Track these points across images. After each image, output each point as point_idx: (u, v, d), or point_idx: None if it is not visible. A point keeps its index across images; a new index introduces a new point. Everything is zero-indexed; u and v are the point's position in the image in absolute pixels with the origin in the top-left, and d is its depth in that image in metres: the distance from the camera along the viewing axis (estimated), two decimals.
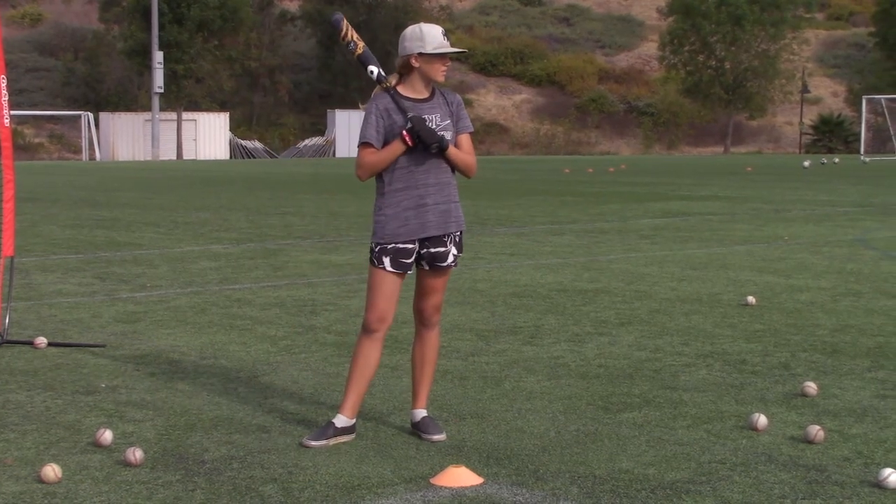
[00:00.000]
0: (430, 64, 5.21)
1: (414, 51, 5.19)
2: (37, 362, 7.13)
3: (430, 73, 5.23)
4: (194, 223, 17.64)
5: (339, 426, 5.27)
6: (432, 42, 5.18)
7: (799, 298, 9.57)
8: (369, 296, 5.31)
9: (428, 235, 5.26)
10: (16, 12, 79.33)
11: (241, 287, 10.50)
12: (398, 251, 5.24)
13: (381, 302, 5.26)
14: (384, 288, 5.26)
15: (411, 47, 5.20)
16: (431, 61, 5.21)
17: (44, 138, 67.60)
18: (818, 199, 22.79)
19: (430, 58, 5.20)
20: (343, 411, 5.29)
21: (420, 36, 5.19)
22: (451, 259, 5.35)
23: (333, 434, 5.24)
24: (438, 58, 5.21)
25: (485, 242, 14.39)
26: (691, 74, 75.57)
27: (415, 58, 5.20)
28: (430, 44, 5.18)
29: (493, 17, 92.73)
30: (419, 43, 5.18)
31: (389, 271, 5.25)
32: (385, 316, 5.28)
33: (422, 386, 5.48)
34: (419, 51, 5.19)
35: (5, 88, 7.68)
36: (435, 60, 5.21)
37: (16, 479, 4.79)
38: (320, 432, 5.25)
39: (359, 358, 5.32)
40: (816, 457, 5.03)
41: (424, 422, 5.39)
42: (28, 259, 12.60)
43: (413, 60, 5.21)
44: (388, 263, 5.24)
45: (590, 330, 8.14)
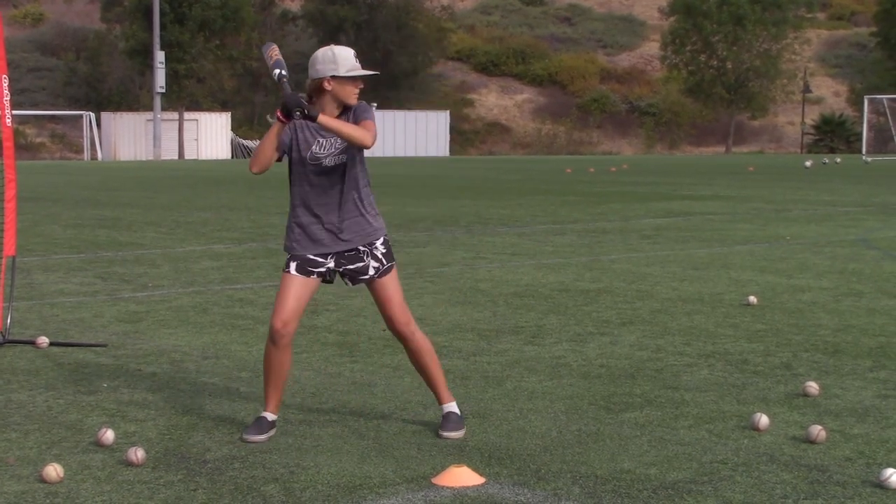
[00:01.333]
0: (343, 87, 5.20)
1: (326, 74, 5.18)
2: (39, 362, 7.13)
3: (343, 96, 5.22)
4: (196, 223, 17.64)
5: (270, 420, 5.40)
6: (345, 65, 5.18)
7: (801, 298, 9.57)
8: (276, 300, 5.35)
9: (321, 253, 5.30)
10: (17, 12, 79.40)
11: (243, 287, 10.51)
12: (304, 260, 5.32)
13: (286, 305, 5.28)
14: (290, 292, 5.29)
15: (324, 70, 5.18)
16: (344, 84, 5.20)
17: (45, 138, 67.66)
18: (820, 199, 22.79)
19: (342, 80, 5.19)
20: (270, 409, 5.43)
21: (333, 59, 5.18)
22: (374, 271, 5.34)
23: (268, 428, 5.37)
24: (351, 80, 5.20)
25: (486, 242, 14.40)
26: (693, 74, 75.60)
27: (327, 81, 5.18)
28: (343, 66, 5.17)
29: (494, 17, 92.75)
30: (332, 66, 5.17)
31: (295, 275, 5.30)
32: (290, 320, 5.29)
33: (434, 385, 5.53)
34: (332, 73, 5.17)
35: (7, 88, 7.68)
36: (347, 83, 5.20)
37: (17, 478, 4.79)
38: (258, 428, 5.34)
39: (271, 368, 5.39)
40: (818, 457, 5.03)
41: (443, 417, 5.44)
42: (30, 259, 12.61)
43: (326, 84, 5.19)
44: (293, 268, 5.31)
45: (591, 330, 8.14)
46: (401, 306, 5.39)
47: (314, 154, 5.25)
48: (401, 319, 5.39)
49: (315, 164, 5.26)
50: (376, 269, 5.35)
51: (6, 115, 7.67)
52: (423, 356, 5.47)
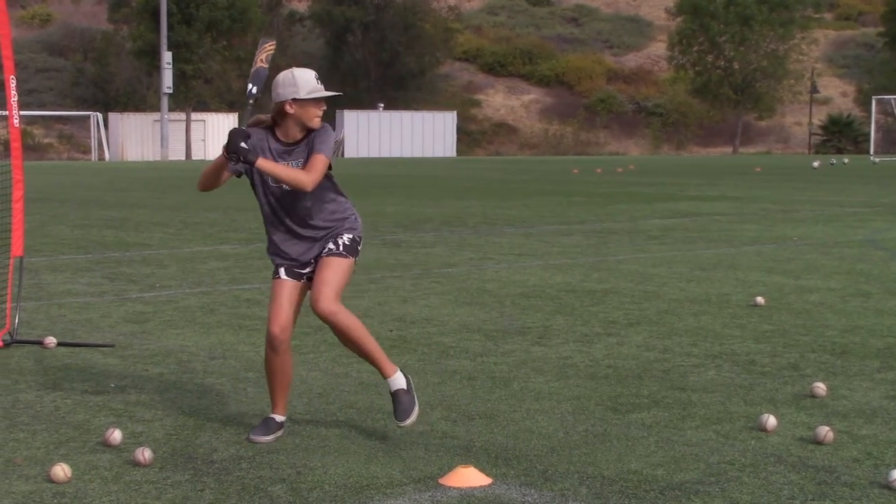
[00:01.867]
0: (305, 109, 5.20)
1: (288, 97, 5.18)
2: (46, 362, 7.15)
3: (305, 119, 5.22)
4: (203, 223, 17.66)
5: (278, 421, 5.41)
6: (305, 87, 5.18)
7: (808, 299, 9.56)
8: (270, 306, 5.37)
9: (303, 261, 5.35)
10: (25, 13, 79.54)
11: (250, 287, 10.51)
12: (292, 262, 5.36)
13: (281, 311, 5.32)
14: (283, 296, 5.33)
15: (285, 93, 5.19)
16: (306, 106, 5.20)
17: (53, 138, 67.76)
18: (827, 200, 22.75)
19: (304, 103, 5.19)
20: (278, 411, 5.43)
21: (293, 82, 5.18)
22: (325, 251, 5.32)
23: (276, 429, 5.36)
24: (313, 102, 5.20)
25: (493, 243, 14.39)
26: (700, 75, 75.50)
27: (289, 104, 5.19)
28: (304, 88, 5.17)
29: (501, 18, 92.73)
30: (293, 89, 5.17)
31: (285, 279, 5.35)
32: (287, 325, 5.33)
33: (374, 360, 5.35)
34: (293, 96, 5.17)
35: (15, 89, 7.69)
36: (309, 105, 5.20)
37: (25, 478, 4.80)
38: (265, 429, 5.34)
39: (274, 373, 5.39)
40: (826, 458, 5.02)
41: (392, 398, 5.35)
42: (37, 259, 12.63)
43: (287, 106, 5.20)
44: (283, 273, 5.36)
45: (598, 330, 8.13)
46: (332, 290, 5.25)
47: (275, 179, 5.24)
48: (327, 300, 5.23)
49: (276, 185, 5.27)
50: (329, 250, 5.32)
51: (14, 116, 7.68)
52: (350, 332, 5.30)
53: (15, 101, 7.69)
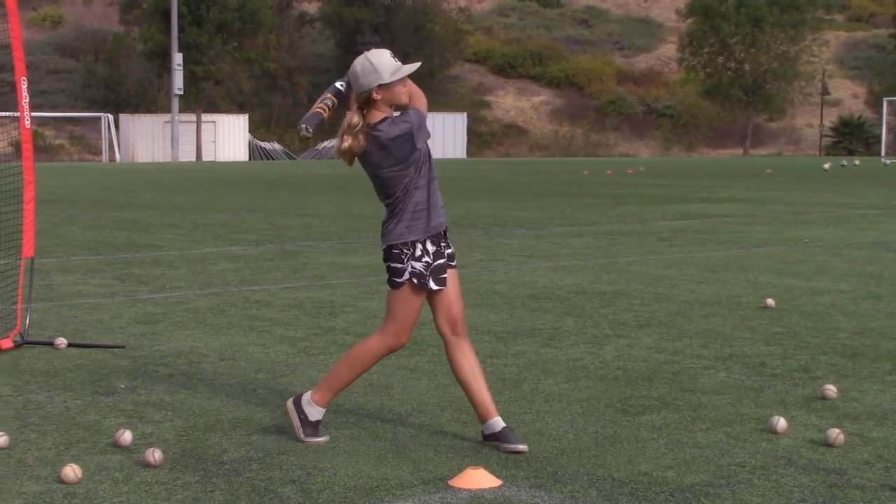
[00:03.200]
0: (391, 91, 5.15)
1: (373, 85, 5.11)
2: (57, 363, 7.16)
3: (394, 99, 5.17)
4: (214, 225, 17.68)
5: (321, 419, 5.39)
6: (387, 70, 5.12)
7: (819, 301, 9.53)
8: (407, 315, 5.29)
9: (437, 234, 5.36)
10: (37, 14, 79.77)
11: (260, 288, 10.52)
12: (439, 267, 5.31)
13: (414, 321, 5.33)
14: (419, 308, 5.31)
15: (369, 82, 5.12)
16: (392, 88, 5.15)
17: (64, 140, 67.96)
18: (838, 202, 22.70)
19: (389, 86, 5.14)
20: (325, 403, 5.37)
21: (374, 68, 5.11)
22: None
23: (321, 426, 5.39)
24: (398, 82, 5.16)
25: (503, 244, 14.39)
26: (710, 76, 75.39)
27: (375, 91, 5.13)
28: (386, 72, 5.12)
29: (511, 19, 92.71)
30: (375, 76, 5.11)
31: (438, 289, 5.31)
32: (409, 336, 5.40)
33: (486, 394, 5.30)
34: (378, 83, 5.12)
35: (26, 90, 7.71)
36: (395, 86, 5.15)
37: (36, 479, 4.81)
38: (312, 428, 5.32)
39: (365, 368, 5.37)
40: (836, 460, 5.00)
41: (505, 432, 5.21)
42: (48, 260, 12.66)
43: (375, 94, 5.13)
44: (432, 283, 5.28)
45: (608, 332, 8.13)
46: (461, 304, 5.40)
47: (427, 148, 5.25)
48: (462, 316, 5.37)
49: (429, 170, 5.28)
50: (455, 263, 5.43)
51: (25, 117, 7.70)
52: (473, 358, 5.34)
53: (26, 102, 7.71)
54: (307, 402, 5.33)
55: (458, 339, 5.33)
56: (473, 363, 5.33)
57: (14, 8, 7.46)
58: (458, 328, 5.34)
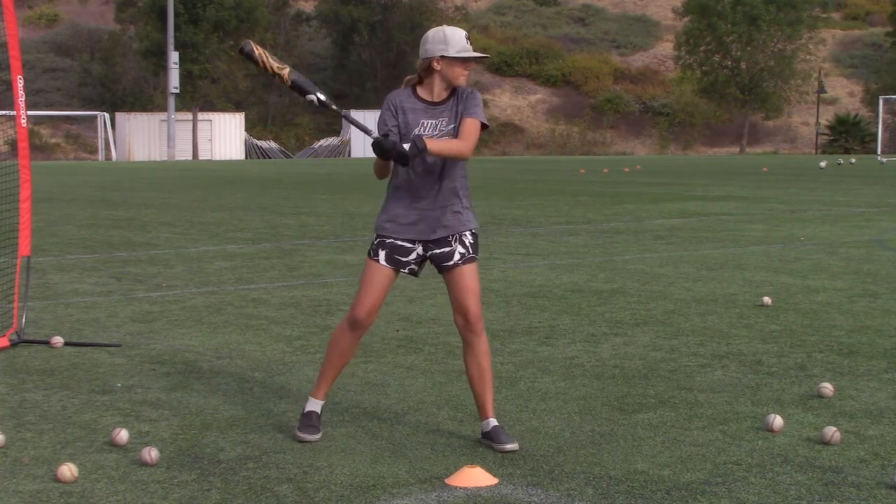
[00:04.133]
0: (452, 67, 5.13)
1: (436, 53, 5.11)
2: (53, 362, 7.16)
3: (451, 77, 5.15)
4: (210, 223, 17.68)
5: (319, 413, 5.38)
6: (455, 45, 5.10)
7: (815, 299, 9.54)
8: (361, 289, 5.28)
9: (411, 238, 5.24)
10: (32, 13, 79.66)
11: (257, 287, 10.52)
12: (394, 247, 5.24)
13: (370, 296, 5.25)
14: (377, 282, 5.25)
15: (433, 49, 5.11)
16: (453, 65, 5.12)
17: (60, 138, 67.86)
18: (834, 200, 22.72)
19: (451, 61, 5.12)
20: (320, 395, 5.40)
21: (444, 39, 5.10)
22: (458, 257, 5.24)
23: (319, 423, 5.35)
24: (461, 62, 5.13)
25: (500, 242, 14.39)
26: (707, 74, 75.39)
27: (437, 61, 5.11)
28: (454, 47, 5.10)
29: (508, 18, 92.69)
30: (442, 46, 5.10)
31: (384, 265, 5.25)
32: (373, 311, 5.28)
33: (486, 396, 5.31)
34: (441, 54, 5.10)
35: (22, 89, 7.71)
36: (456, 64, 5.12)
37: (32, 478, 4.80)
38: (312, 425, 5.32)
39: (336, 352, 5.35)
40: (833, 458, 5.01)
41: (495, 431, 5.22)
42: (44, 259, 12.65)
43: (435, 63, 5.12)
44: (382, 257, 5.26)
45: (605, 330, 8.13)
46: (477, 298, 5.25)
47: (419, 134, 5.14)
48: (475, 312, 5.24)
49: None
50: (462, 255, 5.26)
51: (21, 116, 7.70)
52: (485, 358, 5.30)
53: (22, 100, 7.71)
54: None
55: (471, 336, 5.29)
56: (483, 363, 5.30)
57: (10, 6, 7.45)
58: (469, 324, 5.27)
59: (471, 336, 5.29)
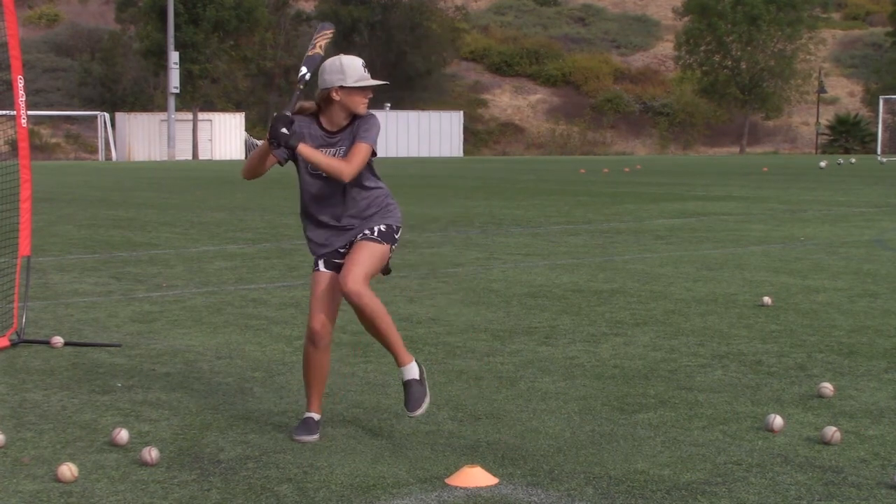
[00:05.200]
0: (351, 96, 5.21)
1: (334, 84, 5.19)
2: (53, 362, 7.16)
3: (352, 106, 5.23)
4: (210, 223, 17.68)
5: (316, 420, 5.41)
6: (353, 75, 5.19)
7: (815, 299, 9.54)
8: (311, 303, 5.33)
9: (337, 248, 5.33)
10: (32, 13, 79.70)
11: (257, 287, 10.52)
12: (331, 253, 5.36)
13: (320, 306, 5.29)
14: (323, 289, 5.29)
15: (331, 80, 5.20)
16: (352, 94, 5.21)
17: (60, 138, 67.90)
18: (834, 200, 22.72)
19: (350, 90, 5.20)
20: (314, 409, 5.44)
21: (340, 69, 5.20)
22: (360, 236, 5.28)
23: (316, 428, 5.38)
24: (360, 90, 5.22)
25: (500, 242, 14.39)
26: (707, 74, 75.43)
27: (335, 91, 5.20)
28: (351, 77, 5.19)
29: (508, 17, 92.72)
30: (339, 76, 5.19)
31: (324, 271, 5.33)
32: (327, 319, 5.32)
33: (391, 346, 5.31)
34: (339, 84, 5.19)
35: (22, 89, 7.71)
36: (356, 93, 5.21)
37: (32, 477, 4.80)
38: (308, 428, 5.34)
39: (310, 370, 5.39)
40: (833, 458, 5.01)
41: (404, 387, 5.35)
42: (44, 259, 12.65)
43: (334, 94, 5.20)
44: (321, 265, 5.34)
45: (605, 330, 8.13)
46: (362, 271, 5.16)
47: None
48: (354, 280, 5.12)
49: (316, 172, 5.27)
50: (364, 235, 5.30)
51: (22, 116, 7.70)
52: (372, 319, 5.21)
53: (22, 100, 7.70)
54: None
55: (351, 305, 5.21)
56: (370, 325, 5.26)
57: (11, 6, 7.45)
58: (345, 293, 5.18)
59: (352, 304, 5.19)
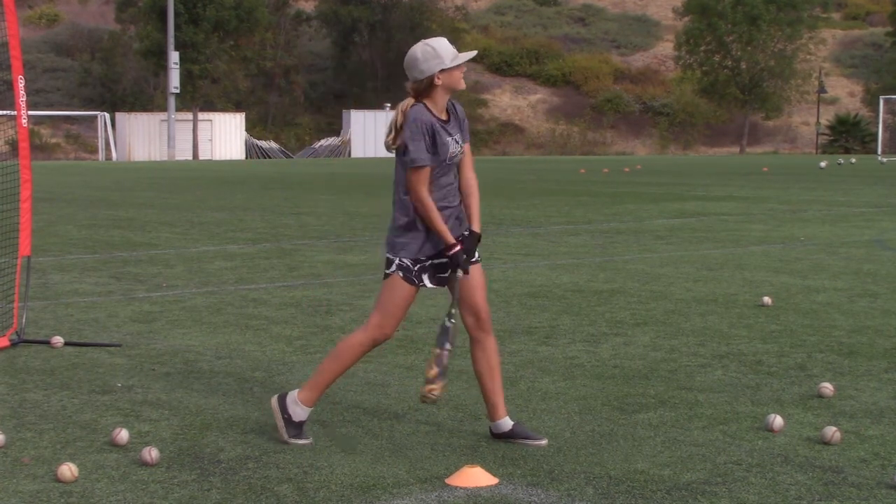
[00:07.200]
0: (451, 75, 5.21)
1: (435, 70, 5.16)
2: (53, 362, 7.16)
3: (454, 85, 5.23)
4: (210, 223, 17.68)
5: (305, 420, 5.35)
6: (448, 55, 5.19)
7: (815, 299, 9.54)
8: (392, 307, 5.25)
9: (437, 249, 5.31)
10: (33, 13, 79.66)
11: (257, 287, 10.52)
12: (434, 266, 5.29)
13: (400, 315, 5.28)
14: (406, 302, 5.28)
15: (431, 67, 5.16)
16: (453, 73, 5.21)
17: (60, 138, 67.86)
18: (835, 200, 22.72)
19: (451, 71, 5.20)
20: (310, 403, 5.34)
21: (435, 54, 5.17)
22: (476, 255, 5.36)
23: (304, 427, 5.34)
24: (458, 68, 5.23)
25: (500, 242, 14.39)
26: (707, 74, 75.40)
27: (437, 76, 5.17)
28: (447, 57, 5.18)
29: (508, 17, 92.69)
30: (437, 61, 5.16)
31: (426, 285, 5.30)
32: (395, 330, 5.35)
33: (497, 394, 5.36)
34: (440, 68, 5.16)
35: (23, 89, 7.71)
36: (455, 71, 5.22)
37: (33, 477, 4.81)
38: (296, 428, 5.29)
39: (350, 362, 5.32)
40: (833, 458, 5.01)
41: (521, 429, 5.31)
42: (45, 259, 12.65)
43: (437, 79, 5.18)
44: (426, 280, 5.27)
45: (605, 330, 8.13)
46: (486, 297, 5.38)
47: (452, 152, 5.26)
48: (487, 309, 5.35)
49: (452, 160, 5.27)
50: (478, 256, 5.40)
51: (22, 116, 7.70)
52: (494, 356, 5.36)
53: (23, 100, 7.71)
54: (293, 401, 5.30)
55: (481, 335, 5.34)
56: (492, 361, 5.35)
57: (12, 6, 7.45)
58: (481, 322, 5.33)
59: (480, 334, 5.34)
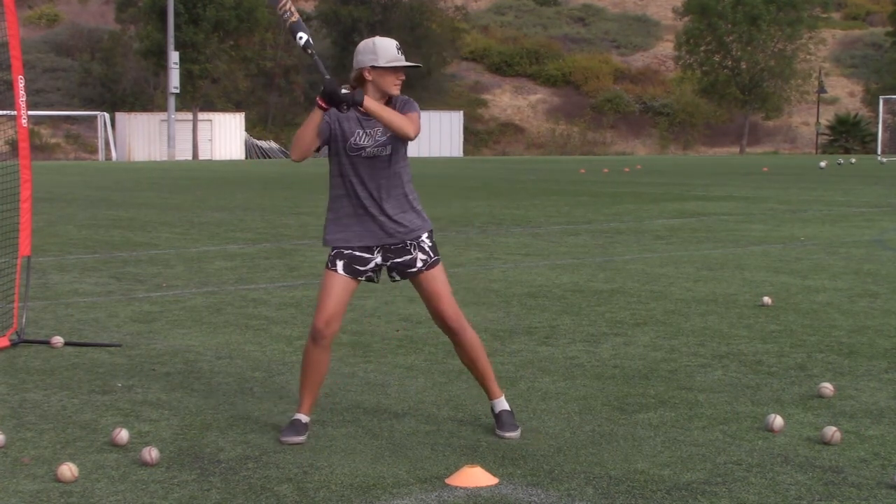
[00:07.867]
0: (383, 77, 5.23)
1: (366, 64, 5.21)
2: (53, 362, 7.16)
3: (384, 86, 5.24)
4: (210, 223, 17.68)
5: (304, 423, 5.38)
6: (385, 56, 5.21)
7: (815, 299, 9.54)
8: (320, 300, 5.34)
9: (367, 245, 5.32)
10: (32, 13, 79.68)
11: (257, 287, 10.52)
12: (352, 258, 5.33)
13: (330, 305, 5.29)
14: (334, 291, 5.30)
15: (364, 60, 5.22)
16: (384, 75, 5.22)
17: (60, 138, 67.87)
18: (835, 200, 22.72)
19: (382, 71, 5.22)
20: (304, 410, 5.41)
21: (373, 49, 5.21)
22: (421, 264, 5.36)
23: (304, 430, 5.35)
24: (392, 71, 5.23)
25: (500, 242, 14.39)
26: (707, 74, 75.41)
27: (367, 71, 5.21)
28: (383, 57, 5.21)
29: (508, 17, 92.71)
30: (372, 56, 5.20)
31: (341, 275, 5.31)
32: (332, 320, 5.30)
33: (485, 380, 5.51)
34: (372, 64, 5.20)
35: (23, 89, 7.71)
36: (388, 74, 5.23)
37: (33, 477, 4.81)
38: (295, 430, 5.33)
39: (308, 367, 5.38)
40: (833, 458, 5.01)
41: (500, 415, 5.44)
42: (45, 259, 12.65)
43: (366, 74, 5.22)
44: (340, 267, 5.32)
45: (605, 330, 8.13)
46: (449, 300, 5.42)
47: (354, 143, 5.26)
48: (451, 314, 5.41)
49: (356, 153, 5.25)
50: (424, 261, 5.38)
51: (22, 116, 7.70)
52: (473, 350, 5.47)
53: (23, 100, 7.71)
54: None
55: (453, 335, 5.47)
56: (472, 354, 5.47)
57: (12, 6, 7.45)
58: (448, 326, 5.44)
59: (453, 335, 5.47)
